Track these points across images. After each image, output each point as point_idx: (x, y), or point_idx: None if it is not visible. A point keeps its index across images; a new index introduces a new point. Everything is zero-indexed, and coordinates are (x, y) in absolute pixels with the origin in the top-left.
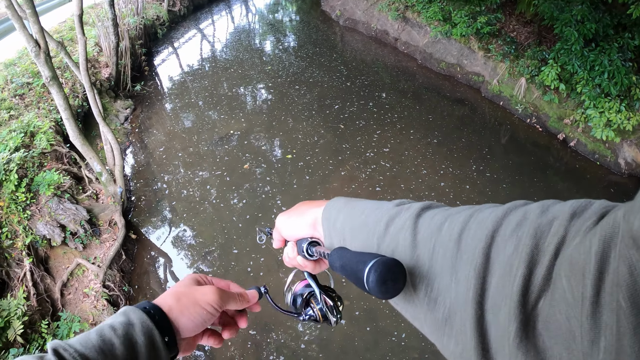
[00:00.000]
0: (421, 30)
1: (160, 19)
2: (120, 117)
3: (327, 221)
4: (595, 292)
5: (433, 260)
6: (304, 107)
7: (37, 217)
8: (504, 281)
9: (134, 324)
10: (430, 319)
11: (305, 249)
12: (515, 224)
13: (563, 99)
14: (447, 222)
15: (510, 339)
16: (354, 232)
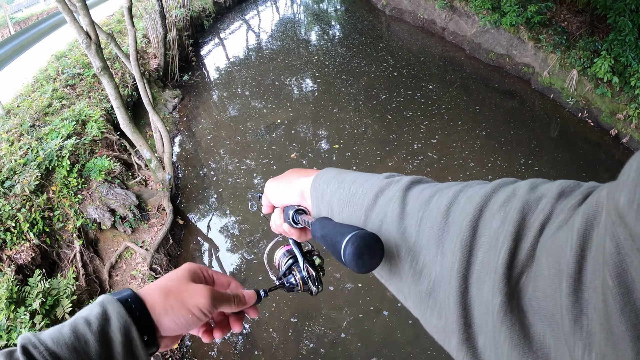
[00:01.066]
0: (469, 20)
1: (206, 11)
2: (168, 106)
3: (315, 192)
4: (577, 270)
5: (420, 232)
6: (351, 97)
7: (88, 201)
8: (490, 255)
9: (110, 318)
10: (414, 292)
11: (292, 217)
12: (504, 199)
13: (616, 93)
14: (436, 195)
15: (494, 312)
16: (342, 204)
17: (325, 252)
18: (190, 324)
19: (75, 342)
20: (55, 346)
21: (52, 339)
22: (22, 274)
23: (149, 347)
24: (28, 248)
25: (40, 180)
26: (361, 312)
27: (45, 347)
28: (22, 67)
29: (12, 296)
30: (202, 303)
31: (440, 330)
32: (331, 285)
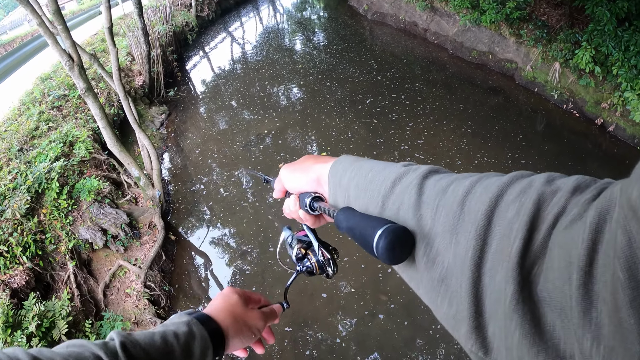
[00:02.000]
0: (450, 20)
1: (189, 25)
2: (155, 123)
3: (333, 178)
4: (587, 263)
5: (435, 220)
6: (336, 104)
7: (79, 222)
8: (503, 243)
9: (196, 337)
10: (427, 279)
11: (309, 204)
12: (520, 190)
13: (599, 83)
14: (452, 185)
15: (506, 301)
16: (359, 190)
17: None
18: (250, 342)
19: (164, 348)
20: (148, 347)
21: (144, 342)
22: (17, 297)
23: None
24: (22, 272)
25: (30, 203)
26: (356, 317)
27: (141, 348)
28: (7, 90)
29: (8, 320)
30: (260, 325)
31: (451, 318)
32: (324, 292)
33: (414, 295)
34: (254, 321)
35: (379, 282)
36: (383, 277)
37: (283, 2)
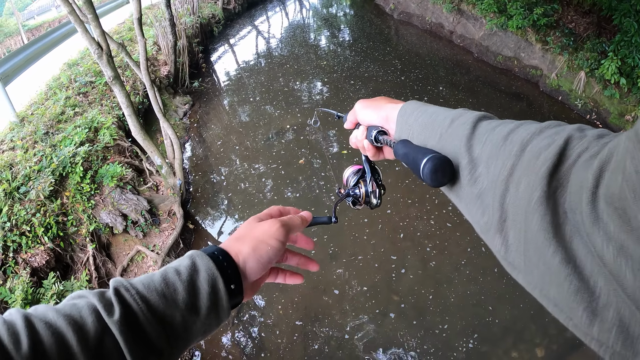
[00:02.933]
0: (477, 23)
1: (215, 17)
2: (179, 113)
3: (401, 117)
4: (594, 185)
5: (482, 149)
6: None
7: (101, 206)
8: (531, 163)
9: (199, 270)
10: (468, 194)
11: (374, 136)
12: (554, 131)
13: (624, 94)
14: (500, 125)
15: (531, 202)
16: (421, 128)
17: None
18: (271, 258)
19: (164, 289)
20: (146, 291)
21: (142, 284)
22: (37, 276)
23: (235, 297)
24: (42, 251)
25: (54, 186)
26: (367, 315)
27: (137, 291)
28: (35, 75)
29: (27, 297)
30: (275, 233)
31: (483, 225)
32: (336, 289)
33: (425, 296)
34: (266, 232)
35: (391, 282)
36: (396, 277)
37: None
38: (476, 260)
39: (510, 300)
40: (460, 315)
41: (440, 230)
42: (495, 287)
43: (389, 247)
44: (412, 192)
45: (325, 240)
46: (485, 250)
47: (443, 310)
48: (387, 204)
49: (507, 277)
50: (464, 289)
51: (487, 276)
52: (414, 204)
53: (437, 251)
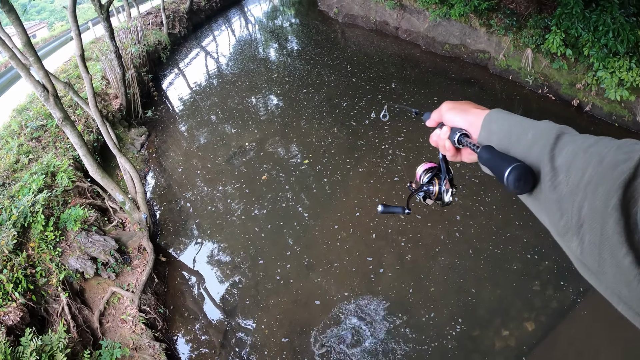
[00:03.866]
0: (420, 16)
1: (162, 44)
2: (136, 145)
3: (486, 123)
4: None
5: (564, 159)
6: (314, 110)
7: (68, 252)
8: (608, 170)
9: None
10: (547, 199)
11: (458, 138)
12: (631, 149)
13: (572, 65)
14: (582, 139)
15: (608, 207)
16: (505, 135)
17: None
18: None
19: None
20: None
21: None
22: (13, 334)
23: None
24: (15, 308)
25: (17, 238)
26: (352, 320)
27: None
28: None
29: (6, 359)
30: None
31: (562, 228)
32: (317, 299)
33: (407, 290)
34: None
35: (371, 283)
36: (375, 278)
37: (254, 12)
38: (450, 246)
39: (491, 280)
40: (445, 303)
41: (411, 223)
42: (474, 269)
43: (364, 250)
44: (378, 191)
45: (299, 252)
46: (459, 235)
47: (426, 301)
48: (354, 207)
49: (485, 256)
50: (444, 277)
51: (464, 260)
52: (381, 202)
53: (411, 244)
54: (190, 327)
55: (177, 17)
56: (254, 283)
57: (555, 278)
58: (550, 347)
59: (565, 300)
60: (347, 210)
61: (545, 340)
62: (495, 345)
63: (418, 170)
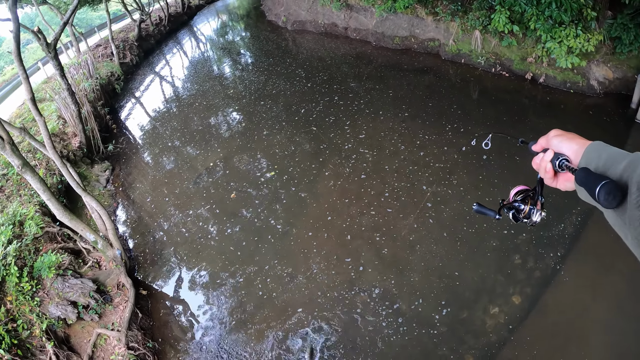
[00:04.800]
0: (367, 13)
1: (114, 75)
2: (101, 181)
3: (587, 152)
4: None
5: None
6: (274, 120)
7: (47, 301)
8: None
9: None
10: (632, 216)
11: (559, 162)
12: None
13: (521, 40)
14: None
15: None
16: (602, 161)
17: None
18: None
19: None
20: None
21: None
22: None
23: None
24: None
25: None
26: (339, 323)
27: None
28: None
29: None
30: None
31: (634, 240)
32: (300, 307)
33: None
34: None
35: (353, 282)
36: (356, 276)
37: (204, 31)
38: (425, 233)
39: (471, 260)
40: (429, 290)
41: (383, 218)
42: (452, 253)
43: (341, 251)
44: (347, 191)
45: (277, 265)
46: (432, 221)
47: (410, 290)
48: (325, 211)
49: (460, 237)
50: (423, 265)
51: (441, 244)
52: (351, 202)
53: (386, 238)
54: (181, 357)
55: (127, 46)
56: (237, 303)
57: (533, 248)
58: (540, 317)
59: (546, 269)
60: (319, 215)
61: (534, 310)
62: (487, 324)
63: (512, 190)
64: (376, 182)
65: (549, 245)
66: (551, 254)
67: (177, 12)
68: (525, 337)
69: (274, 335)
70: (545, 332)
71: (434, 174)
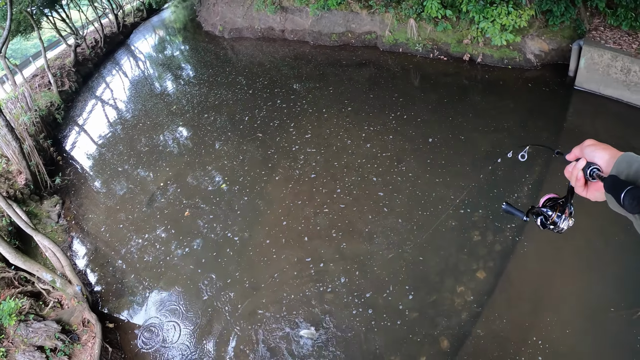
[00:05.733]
0: (302, 14)
1: (54, 104)
2: (52, 217)
3: (618, 162)
4: None
5: None
6: (220, 132)
7: (13, 350)
8: None
9: None
10: None
11: (590, 172)
12: None
13: (455, 23)
14: None
15: None
16: (633, 171)
17: None
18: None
19: None
20: None
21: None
22: None
23: None
24: None
25: None
26: (309, 322)
27: None
28: None
29: None
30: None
31: None
32: (268, 312)
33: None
34: None
35: (316, 281)
36: (317, 274)
37: (142, 48)
38: (381, 222)
39: (432, 243)
40: (394, 278)
41: (337, 214)
42: (411, 239)
43: (300, 253)
44: (299, 193)
45: (239, 277)
46: (387, 209)
47: (375, 281)
48: (280, 216)
49: (417, 222)
50: (384, 254)
51: (399, 232)
52: (304, 203)
53: (343, 233)
54: None
55: (65, 73)
56: (206, 321)
57: (491, 223)
58: (506, 288)
59: (506, 241)
60: (274, 221)
61: (500, 283)
62: (455, 303)
63: (542, 198)
64: (326, 180)
65: (505, 217)
66: (509, 225)
67: (113, 32)
68: (494, 309)
69: (247, 349)
70: (513, 301)
71: (382, 164)
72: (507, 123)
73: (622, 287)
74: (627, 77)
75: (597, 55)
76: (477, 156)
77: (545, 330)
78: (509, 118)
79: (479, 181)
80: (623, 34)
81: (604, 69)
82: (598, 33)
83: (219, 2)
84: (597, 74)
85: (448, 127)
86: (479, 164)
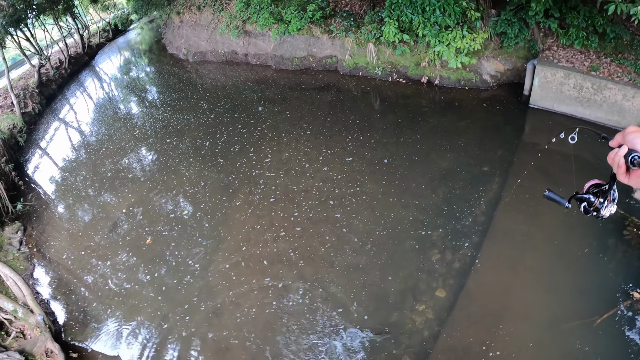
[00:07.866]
0: (265, 38)
1: (16, 127)
2: (14, 244)
3: None
4: None
5: None
6: (181, 158)
7: None
8: None
9: None
10: None
11: (632, 159)
12: None
13: (413, 47)
14: None
15: None
16: None
17: None
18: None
19: None
20: None
21: None
22: None
23: None
24: None
25: None
26: (271, 345)
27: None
28: None
29: None
30: None
31: None
32: (234, 339)
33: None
34: None
35: (273, 303)
36: (275, 295)
37: (106, 70)
38: (339, 244)
39: (392, 264)
40: (354, 299)
41: (293, 237)
42: (371, 260)
43: (260, 276)
44: (259, 218)
45: (200, 303)
46: (345, 230)
47: (335, 305)
48: (240, 243)
49: (377, 243)
50: (343, 276)
51: (359, 253)
52: (263, 228)
53: (299, 255)
54: None
55: (28, 94)
56: (172, 349)
57: (449, 241)
58: (467, 305)
59: (464, 258)
60: (234, 247)
61: (460, 300)
62: (416, 322)
63: (587, 184)
64: (285, 203)
65: (463, 235)
66: (466, 243)
67: (78, 53)
68: (456, 325)
69: None
70: (474, 316)
71: (339, 186)
72: (463, 142)
73: (580, 296)
74: (579, 93)
75: (550, 73)
76: (431, 175)
77: (507, 345)
78: (465, 137)
79: (435, 200)
80: (575, 52)
81: (557, 87)
82: (551, 52)
83: (183, 25)
84: (550, 92)
85: (404, 148)
86: (434, 183)
